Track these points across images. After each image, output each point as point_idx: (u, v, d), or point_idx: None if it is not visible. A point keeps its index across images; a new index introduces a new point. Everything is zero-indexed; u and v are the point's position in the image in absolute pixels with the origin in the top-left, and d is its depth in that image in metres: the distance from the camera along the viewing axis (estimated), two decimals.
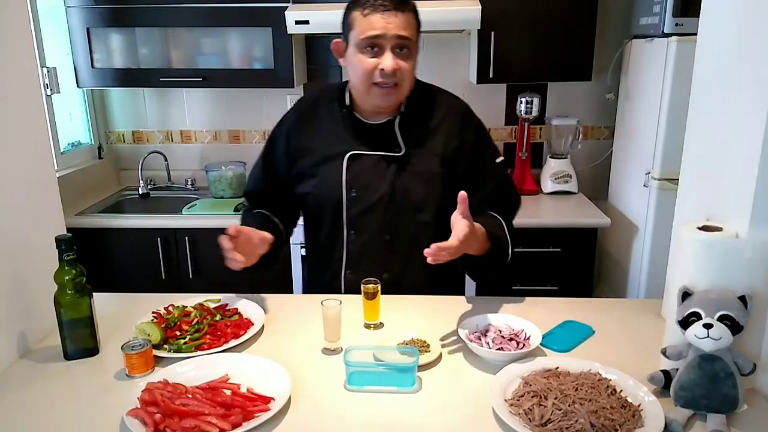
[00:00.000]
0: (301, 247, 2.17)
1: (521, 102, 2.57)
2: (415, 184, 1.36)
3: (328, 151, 1.39)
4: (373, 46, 1.26)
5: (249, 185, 1.56)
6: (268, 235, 1.25)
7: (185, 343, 1.17)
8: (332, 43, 1.35)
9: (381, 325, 1.28)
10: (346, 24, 1.30)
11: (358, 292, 1.27)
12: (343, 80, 1.46)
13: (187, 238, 2.37)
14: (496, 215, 1.36)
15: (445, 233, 1.16)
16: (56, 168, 2.42)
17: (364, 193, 1.36)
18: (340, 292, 1.43)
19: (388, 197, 1.36)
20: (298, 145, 1.43)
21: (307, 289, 1.58)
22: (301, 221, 1.55)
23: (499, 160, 1.44)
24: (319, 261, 1.47)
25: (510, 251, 1.35)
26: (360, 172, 1.37)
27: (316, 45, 2.74)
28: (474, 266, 1.35)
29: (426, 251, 1.09)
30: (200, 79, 2.48)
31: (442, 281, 1.45)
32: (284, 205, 1.49)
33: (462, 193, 1.14)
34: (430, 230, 1.35)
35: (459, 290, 1.53)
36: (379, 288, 1.25)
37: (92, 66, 2.50)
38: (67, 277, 1.12)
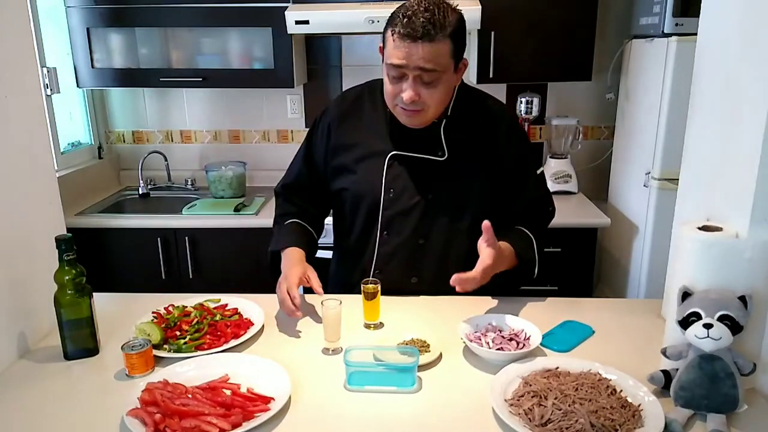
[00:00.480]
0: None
1: (521, 102, 2.57)
2: (454, 190, 1.34)
3: (369, 149, 1.37)
4: (397, 72, 1.22)
5: (289, 176, 1.52)
6: (319, 288, 1.28)
7: (185, 343, 1.17)
8: (379, 47, 1.30)
9: (381, 325, 1.28)
10: (383, 38, 1.26)
11: (386, 293, 1.28)
12: None
13: (187, 238, 2.37)
14: (527, 231, 1.37)
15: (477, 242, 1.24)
16: (56, 168, 2.42)
17: (402, 195, 1.35)
18: None
19: (426, 201, 1.34)
20: (339, 139, 1.40)
21: (333, 285, 1.53)
22: (328, 219, 1.53)
23: (540, 171, 1.43)
24: (349, 259, 1.46)
25: (536, 269, 1.37)
26: (400, 174, 1.35)
27: (316, 45, 2.74)
28: (498, 277, 1.34)
29: (452, 281, 1.15)
30: (200, 79, 2.48)
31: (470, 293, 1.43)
32: (320, 200, 1.49)
33: (486, 223, 1.18)
34: (464, 238, 1.35)
35: (497, 291, 1.45)
36: (379, 288, 1.25)
37: (92, 66, 2.50)
38: (67, 277, 1.12)
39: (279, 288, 1.28)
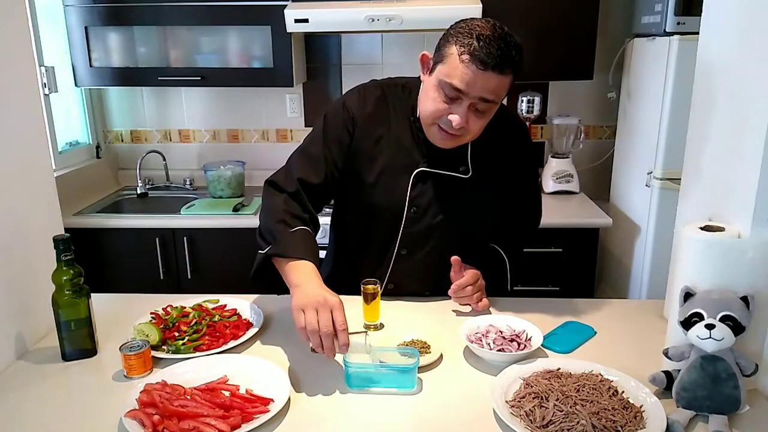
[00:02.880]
0: None
1: (522, 101, 2.56)
2: (477, 209, 1.32)
3: (393, 161, 1.29)
4: (453, 94, 1.15)
5: (302, 172, 1.28)
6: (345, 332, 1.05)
7: (184, 344, 1.17)
8: (421, 55, 1.23)
9: (381, 326, 1.28)
10: (441, 50, 1.16)
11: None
12: (410, 79, 1.35)
13: (185, 238, 2.36)
14: (501, 252, 1.40)
15: (488, 251, 1.35)
16: (54, 167, 2.40)
17: (426, 213, 1.30)
18: None
19: (449, 220, 1.31)
20: (362, 142, 1.30)
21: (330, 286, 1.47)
22: (328, 219, 1.49)
23: (539, 180, 1.44)
24: (356, 268, 1.38)
25: (509, 285, 1.41)
26: (425, 191, 1.30)
27: (316, 43, 2.73)
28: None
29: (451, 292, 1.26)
30: (199, 78, 2.47)
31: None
32: (326, 202, 1.36)
33: (454, 258, 1.26)
34: (477, 250, 1.36)
35: (497, 291, 1.44)
36: (379, 289, 1.24)
37: (90, 65, 2.49)
38: (65, 278, 1.12)
39: (312, 312, 1.03)
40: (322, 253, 1.49)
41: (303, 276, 1.12)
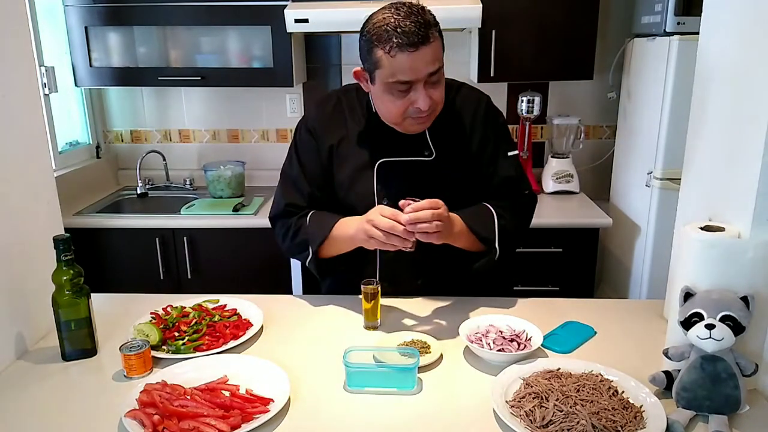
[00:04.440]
0: None
1: (522, 101, 2.56)
2: (445, 187, 1.31)
3: (357, 160, 1.33)
4: (404, 86, 1.18)
5: (290, 196, 1.37)
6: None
7: (184, 344, 1.17)
8: (353, 72, 1.27)
9: (380, 325, 1.27)
10: (370, 60, 1.19)
11: (393, 297, 1.27)
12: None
13: (185, 238, 2.36)
14: (489, 206, 1.32)
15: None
16: (54, 167, 2.41)
17: (396, 202, 1.29)
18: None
19: None
20: (327, 150, 1.35)
21: (329, 289, 1.49)
22: None
23: (512, 153, 1.38)
24: (349, 268, 1.39)
25: (497, 249, 1.30)
26: (391, 180, 1.32)
27: (316, 43, 2.73)
28: (462, 260, 1.33)
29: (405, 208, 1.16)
30: (199, 78, 2.47)
31: (478, 282, 1.41)
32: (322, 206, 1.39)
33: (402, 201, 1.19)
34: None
35: (497, 291, 1.45)
36: (379, 289, 1.24)
37: (90, 65, 2.49)
38: (65, 278, 1.12)
39: (376, 223, 1.16)
40: None
41: (343, 228, 1.29)
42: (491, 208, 1.33)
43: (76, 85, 2.54)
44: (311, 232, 1.32)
